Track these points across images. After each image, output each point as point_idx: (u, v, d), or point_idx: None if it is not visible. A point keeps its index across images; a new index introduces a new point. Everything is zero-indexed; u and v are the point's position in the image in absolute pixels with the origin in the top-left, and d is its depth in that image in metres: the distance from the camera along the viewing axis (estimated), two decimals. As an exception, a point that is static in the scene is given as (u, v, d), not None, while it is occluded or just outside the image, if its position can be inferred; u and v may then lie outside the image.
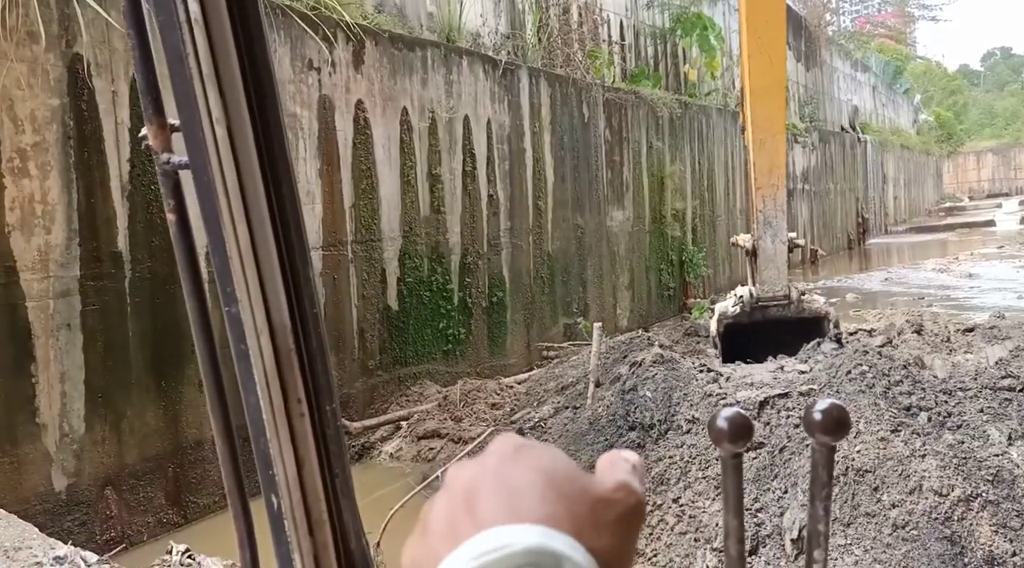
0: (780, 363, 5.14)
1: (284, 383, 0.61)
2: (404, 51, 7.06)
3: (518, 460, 0.41)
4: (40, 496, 4.27)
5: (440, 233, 7.43)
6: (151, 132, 0.66)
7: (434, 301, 7.32)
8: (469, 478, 0.41)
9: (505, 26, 9.05)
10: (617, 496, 0.41)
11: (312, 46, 6.07)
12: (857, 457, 3.79)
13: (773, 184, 6.40)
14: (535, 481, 0.40)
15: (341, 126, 6.43)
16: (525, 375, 7.21)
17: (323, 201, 6.27)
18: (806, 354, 5.29)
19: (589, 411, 4.83)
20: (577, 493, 0.40)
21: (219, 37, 0.56)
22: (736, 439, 0.56)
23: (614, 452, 0.47)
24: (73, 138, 4.49)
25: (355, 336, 6.53)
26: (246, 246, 0.59)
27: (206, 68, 0.56)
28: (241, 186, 0.58)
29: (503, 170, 8.24)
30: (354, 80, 6.53)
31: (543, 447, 0.43)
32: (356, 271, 6.57)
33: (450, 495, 0.41)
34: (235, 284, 0.60)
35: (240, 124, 0.57)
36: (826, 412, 0.55)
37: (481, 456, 0.43)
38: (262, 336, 0.60)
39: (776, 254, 6.29)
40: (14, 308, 4.23)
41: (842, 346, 5.53)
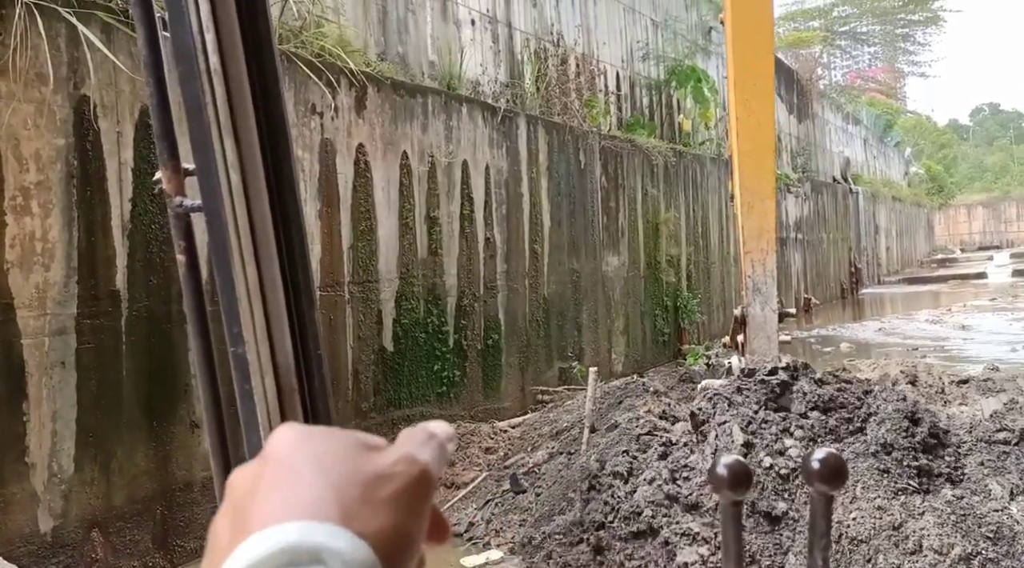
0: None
1: (287, 423, 0.60)
2: (405, 97, 7.19)
3: (295, 450, 0.40)
4: (25, 537, 4.20)
5: (437, 275, 7.46)
6: (165, 176, 0.67)
7: (429, 343, 7.31)
8: (244, 482, 0.39)
9: (504, 75, 9.23)
10: (396, 469, 0.40)
11: (316, 91, 6.19)
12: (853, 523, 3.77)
13: (762, 249, 6.18)
14: (305, 471, 0.38)
15: (342, 169, 6.51)
16: (519, 419, 7.18)
17: (322, 242, 6.32)
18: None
19: (584, 457, 4.80)
20: (349, 474, 0.38)
21: (237, 87, 0.57)
22: (736, 486, 0.56)
23: (420, 425, 0.46)
24: (76, 177, 4.54)
25: (349, 377, 6.50)
26: (255, 288, 0.60)
27: (223, 117, 0.58)
28: (252, 230, 0.59)
29: (500, 214, 8.33)
30: (356, 125, 6.64)
31: (324, 432, 0.41)
32: (352, 312, 6.58)
33: (227, 510, 0.39)
34: (242, 325, 0.61)
35: (254, 170, 0.58)
36: (823, 461, 0.55)
37: (260, 453, 0.41)
38: (266, 376, 0.61)
39: (766, 322, 6.04)
40: (9, 345, 4.22)
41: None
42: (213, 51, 0.57)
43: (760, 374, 4.73)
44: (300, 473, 0.38)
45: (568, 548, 4.01)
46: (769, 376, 4.66)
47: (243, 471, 0.40)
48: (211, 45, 0.57)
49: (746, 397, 4.48)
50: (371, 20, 7.41)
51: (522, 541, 4.40)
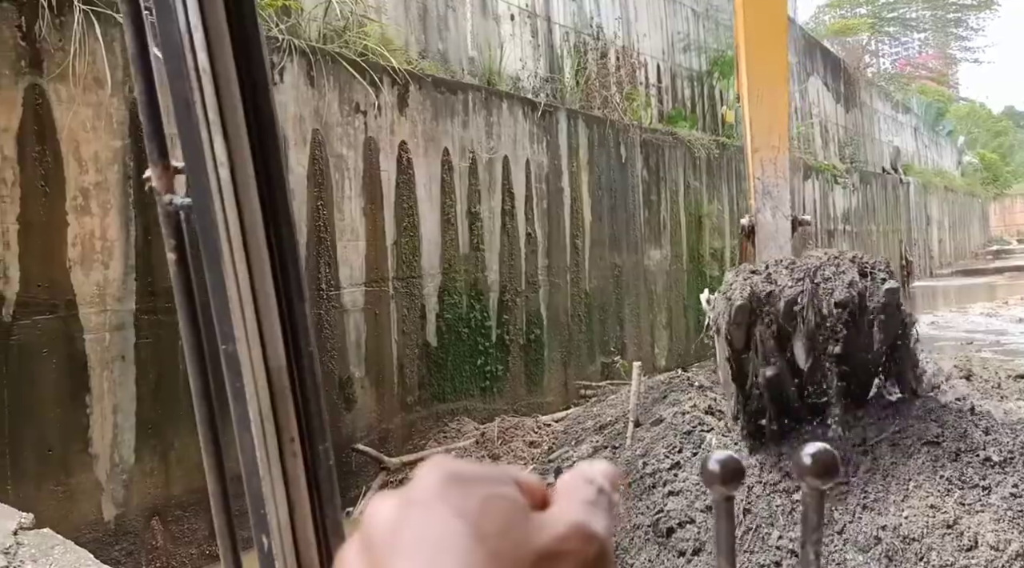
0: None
1: (278, 422, 0.60)
2: (446, 94, 7.26)
3: (443, 502, 0.34)
4: (90, 524, 4.38)
5: (479, 270, 7.52)
6: (155, 174, 0.67)
7: (472, 338, 7.38)
8: (386, 527, 0.34)
9: (544, 70, 9.24)
10: (568, 547, 0.33)
11: (359, 90, 6.28)
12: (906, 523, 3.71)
13: (773, 145, 5.22)
14: (460, 536, 0.32)
15: (385, 166, 6.60)
16: (563, 413, 7.20)
17: (366, 238, 6.42)
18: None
19: (628, 452, 4.80)
20: (513, 550, 0.32)
21: (225, 85, 0.57)
22: (728, 482, 0.56)
23: (579, 470, 0.39)
24: (132, 178, 4.69)
25: (395, 371, 6.60)
26: (245, 286, 0.59)
27: (212, 114, 0.57)
28: (242, 227, 0.59)
29: (541, 209, 8.35)
30: (398, 122, 6.73)
31: (479, 480, 0.35)
32: (396, 307, 6.68)
33: (363, 549, 0.34)
34: (233, 323, 0.60)
35: (243, 168, 0.58)
36: (815, 457, 0.54)
37: (404, 490, 0.35)
38: (258, 375, 0.60)
39: (778, 231, 5.13)
40: (72, 340, 4.40)
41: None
42: (201, 48, 0.56)
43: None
44: (454, 537, 0.32)
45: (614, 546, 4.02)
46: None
47: (385, 506, 0.35)
48: (199, 43, 0.56)
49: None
50: (412, 18, 7.49)
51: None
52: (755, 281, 4.28)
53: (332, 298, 6.08)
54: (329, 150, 6.10)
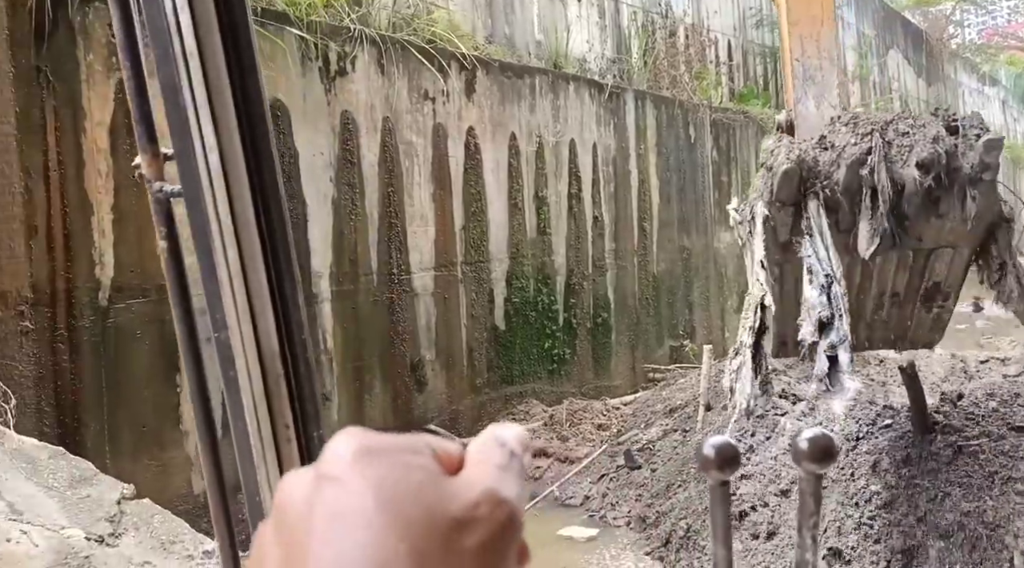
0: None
1: (272, 409, 0.60)
2: (513, 79, 7.28)
3: (354, 474, 0.33)
4: (181, 497, 4.63)
5: (546, 254, 7.55)
6: (144, 161, 0.66)
7: (540, 321, 7.43)
8: (298, 504, 0.34)
9: (611, 50, 9.15)
10: (480, 512, 0.33)
11: (428, 77, 6.36)
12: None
13: (815, 16, 4.23)
14: (372, 509, 0.32)
15: (453, 152, 6.68)
16: (631, 397, 7.20)
17: (436, 223, 6.53)
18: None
19: (699, 435, 4.79)
20: (426, 519, 0.32)
21: (213, 68, 0.56)
22: (724, 467, 0.56)
23: (489, 432, 0.38)
24: (215, 168, 4.89)
25: (464, 354, 6.72)
26: (237, 272, 0.59)
27: (200, 98, 0.56)
28: (233, 214, 0.58)
29: (608, 192, 8.31)
30: (466, 108, 6.79)
31: (391, 449, 0.34)
32: (465, 291, 6.78)
33: (278, 528, 0.34)
34: (225, 310, 0.60)
35: (233, 153, 0.57)
36: (813, 441, 0.54)
37: (316, 465, 0.35)
38: (251, 362, 0.60)
39: (824, 124, 4.01)
40: (163, 323, 4.64)
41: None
42: (188, 32, 0.56)
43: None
44: (366, 509, 0.32)
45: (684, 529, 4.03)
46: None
47: (297, 482, 0.35)
48: (186, 26, 0.56)
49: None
50: (479, 3, 7.52)
51: (638, 516, 4.45)
52: (805, 147, 3.41)
53: (403, 282, 6.21)
54: (399, 137, 6.21)
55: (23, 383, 4.11)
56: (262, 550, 0.34)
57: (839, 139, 3.40)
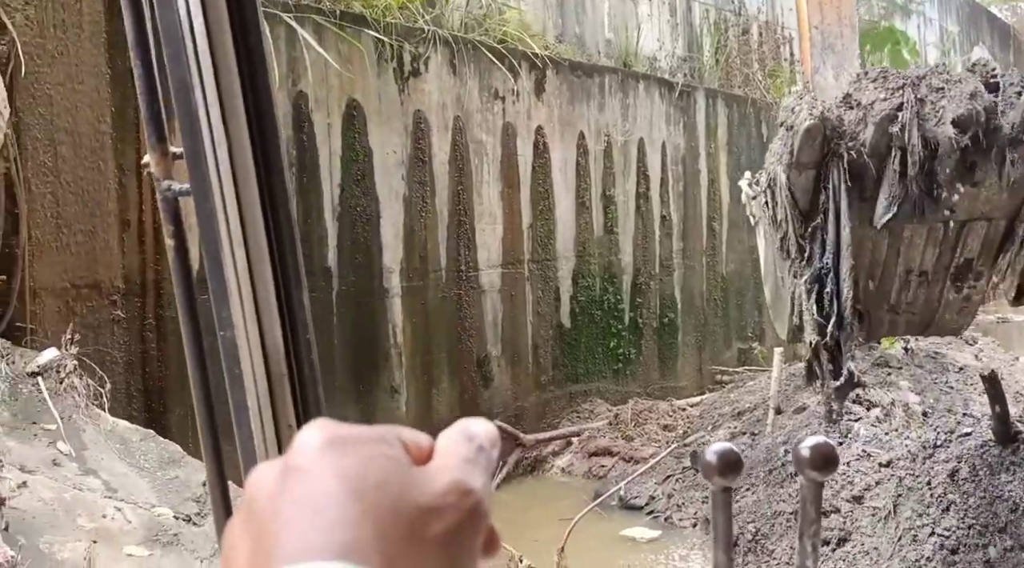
0: None
1: (276, 408, 0.60)
2: (582, 78, 7.29)
3: (322, 465, 0.34)
4: (258, 482, 4.82)
5: (613, 253, 7.54)
6: (153, 159, 0.66)
7: (605, 320, 7.43)
8: (267, 494, 0.34)
9: (682, 49, 9.06)
10: (447, 501, 0.34)
11: (498, 77, 6.44)
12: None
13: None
14: (338, 496, 0.32)
15: (522, 151, 6.74)
16: (698, 398, 7.13)
17: (503, 222, 6.60)
18: None
19: (768, 439, 4.72)
20: (392, 506, 0.33)
21: (224, 69, 0.57)
22: (726, 473, 0.56)
23: (459, 426, 0.39)
24: (295, 166, 5.07)
25: (529, 351, 6.77)
26: (243, 271, 0.59)
27: (211, 98, 0.57)
28: (241, 213, 0.59)
29: (677, 191, 8.24)
30: (535, 107, 6.84)
31: (360, 439, 0.35)
32: (532, 289, 6.83)
33: (247, 519, 0.34)
34: (231, 309, 0.60)
35: (242, 153, 0.58)
36: (814, 449, 0.55)
37: (285, 456, 0.35)
38: (256, 361, 0.60)
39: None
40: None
41: None
42: (200, 32, 0.56)
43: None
44: (333, 497, 0.32)
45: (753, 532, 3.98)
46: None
47: (266, 474, 0.35)
48: (198, 26, 0.57)
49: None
50: (549, 2, 7.55)
51: (705, 518, 4.42)
52: (829, 104, 3.16)
53: (471, 279, 6.30)
54: (469, 136, 6.30)
55: (115, 369, 4.34)
56: (232, 542, 0.34)
57: (866, 96, 3.12)
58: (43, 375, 3.47)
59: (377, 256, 5.56)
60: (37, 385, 3.45)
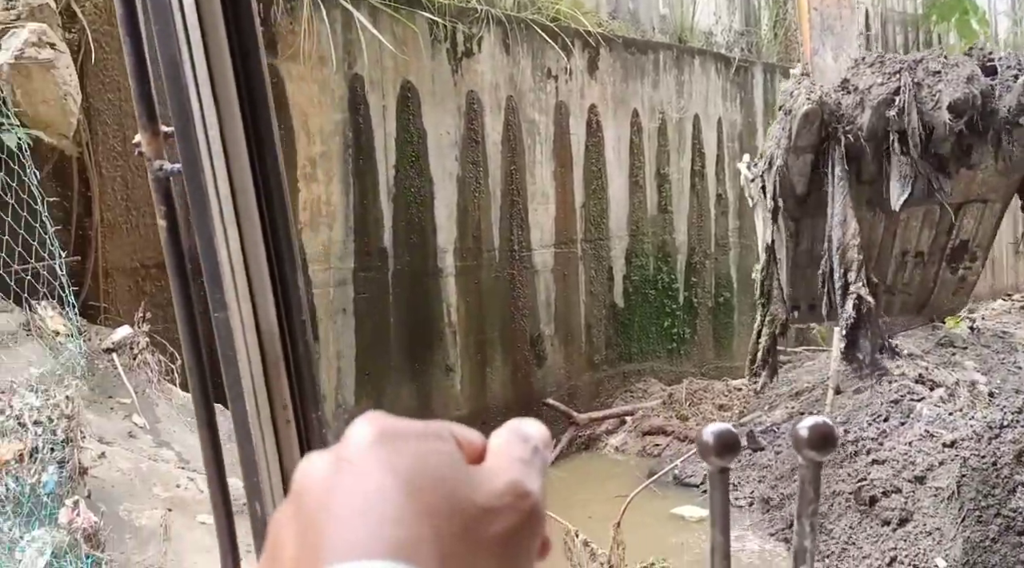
0: None
1: (271, 390, 0.60)
2: (636, 55, 7.20)
3: (374, 459, 0.33)
4: (319, 456, 4.96)
5: (667, 232, 7.47)
6: (144, 139, 0.65)
7: (659, 300, 7.38)
8: (317, 487, 0.33)
9: (739, 23, 8.85)
10: (504, 502, 0.33)
11: (551, 55, 6.41)
12: None
13: None
14: (392, 491, 0.31)
15: (575, 130, 6.71)
16: (754, 378, 7.04)
17: (556, 201, 6.60)
18: None
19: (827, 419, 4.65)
20: (448, 505, 0.32)
21: (215, 46, 0.56)
22: (723, 453, 0.56)
23: (513, 425, 0.38)
24: (351, 148, 5.15)
25: (582, 331, 6.78)
26: (236, 252, 0.58)
27: (201, 76, 0.56)
28: (233, 193, 0.58)
29: (733, 169, 8.09)
30: (588, 85, 6.79)
31: (414, 434, 0.34)
32: (584, 268, 6.83)
33: (296, 512, 0.33)
34: (224, 290, 0.59)
35: (234, 132, 0.57)
36: (813, 429, 0.54)
37: (336, 448, 0.34)
38: (250, 342, 0.59)
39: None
40: (303, 294, 4.95)
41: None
42: (190, 8, 0.55)
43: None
44: (386, 493, 0.31)
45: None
46: None
47: (316, 465, 0.34)
48: (188, 3, 0.55)
49: None
50: (602, -21, 7.46)
51: (761, 497, 4.40)
52: (827, 89, 3.23)
53: (523, 259, 6.33)
54: (522, 116, 6.30)
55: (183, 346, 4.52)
56: (279, 532, 0.33)
57: (864, 81, 3.20)
58: (117, 351, 3.64)
59: (431, 236, 5.62)
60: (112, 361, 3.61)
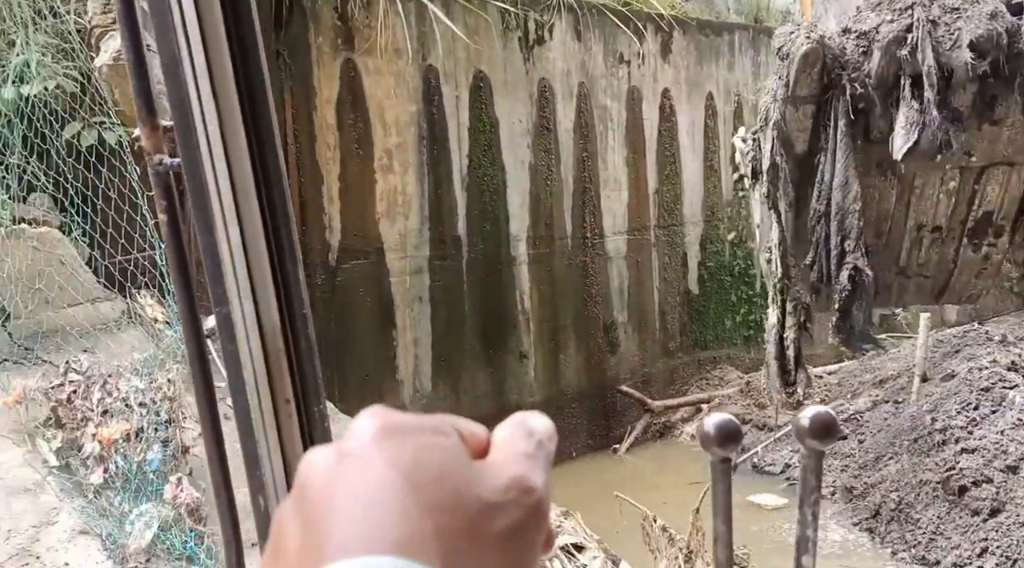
0: None
1: (273, 384, 0.60)
2: (711, 37, 7.06)
3: (377, 453, 0.32)
4: (398, 439, 5.10)
5: (743, 218, 7.32)
6: (144, 133, 0.65)
7: (735, 286, 7.25)
8: (320, 482, 0.32)
9: None
10: (508, 497, 0.32)
11: (623, 40, 6.35)
12: None
13: None
14: (395, 487, 0.31)
15: (648, 115, 6.65)
16: (835, 366, 6.86)
17: (629, 187, 6.55)
18: None
19: (913, 407, 4.50)
20: (451, 500, 0.31)
21: (213, 40, 0.55)
22: (725, 444, 0.55)
23: (517, 419, 0.37)
24: (426, 138, 5.25)
25: (656, 318, 6.73)
26: (237, 247, 0.58)
27: (200, 71, 0.56)
28: (233, 187, 0.57)
29: (812, 152, 7.87)
30: (661, 69, 6.70)
31: (418, 429, 0.34)
32: (658, 255, 6.77)
33: (299, 508, 0.33)
34: (226, 285, 0.59)
35: (233, 126, 0.56)
36: (814, 418, 0.54)
37: (339, 442, 0.34)
38: (252, 337, 0.59)
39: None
40: (381, 282, 5.09)
41: None
42: (189, 3, 0.55)
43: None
44: (390, 488, 0.31)
45: (896, 501, 3.83)
46: None
47: (320, 458, 0.33)
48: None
49: None
50: (675, -39, 7.34)
51: (844, 487, 4.30)
52: (829, 32, 2.90)
53: (596, 246, 6.32)
54: (594, 102, 6.27)
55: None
56: (283, 527, 0.33)
57: (870, 22, 2.79)
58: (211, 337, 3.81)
59: (504, 224, 5.68)
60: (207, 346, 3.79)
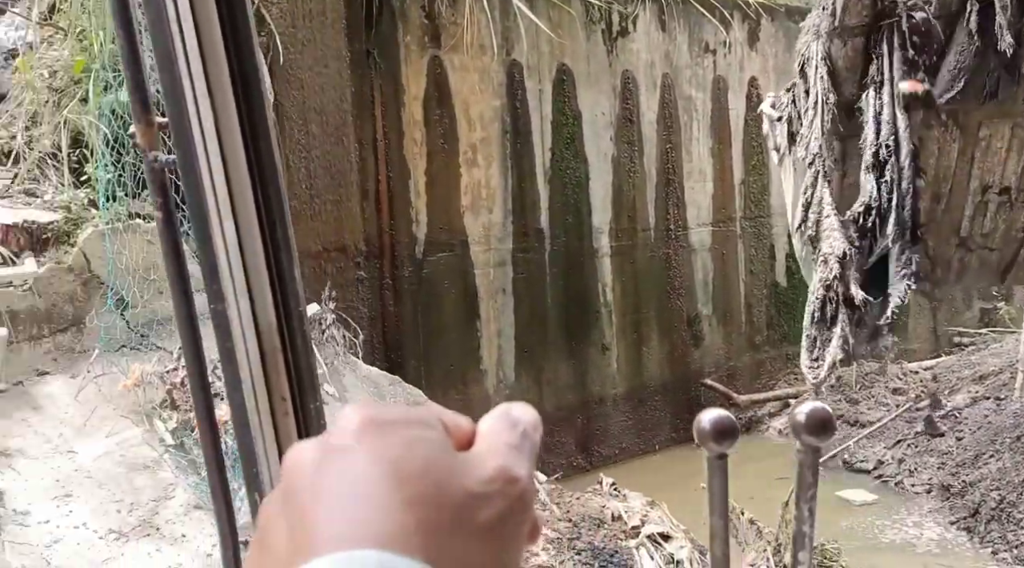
0: None
1: (269, 381, 0.60)
2: (800, 23, 6.86)
3: (362, 446, 0.32)
4: (482, 429, 5.21)
5: (834, 209, 7.10)
6: (139, 130, 0.65)
7: (825, 280, 7.04)
8: (305, 475, 0.32)
9: (915, -21, 8.21)
10: (492, 488, 0.33)
11: (709, 30, 6.26)
12: None
13: None
14: (379, 481, 0.31)
15: (733, 104, 6.53)
16: (931, 361, 6.58)
17: (714, 178, 6.46)
18: None
19: (1016, 404, 4.30)
20: (436, 492, 0.31)
21: (208, 36, 0.55)
22: (721, 440, 0.55)
23: (501, 410, 0.38)
24: (509, 132, 5.32)
25: (742, 311, 6.62)
26: (233, 244, 0.58)
27: (195, 66, 0.56)
28: (228, 184, 0.57)
29: (908, 139, 7.56)
30: (748, 58, 6.57)
31: (402, 421, 0.34)
32: (744, 247, 6.65)
33: (284, 502, 0.33)
34: (221, 282, 0.59)
35: (228, 122, 0.56)
36: (811, 414, 0.54)
37: (324, 436, 0.34)
38: (248, 334, 0.59)
39: None
40: (465, 274, 5.20)
41: None
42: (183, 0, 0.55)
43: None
44: (374, 482, 0.31)
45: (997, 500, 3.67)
46: None
47: (305, 452, 0.33)
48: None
49: None
50: (762, -55, 7.17)
51: (941, 484, 4.15)
52: None
53: (679, 238, 6.26)
54: (678, 92, 6.21)
55: (360, 323, 4.88)
56: (268, 520, 0.33)
57: None
58: (307, 326, 4.00)
59: (587, 217, 5.70)
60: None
